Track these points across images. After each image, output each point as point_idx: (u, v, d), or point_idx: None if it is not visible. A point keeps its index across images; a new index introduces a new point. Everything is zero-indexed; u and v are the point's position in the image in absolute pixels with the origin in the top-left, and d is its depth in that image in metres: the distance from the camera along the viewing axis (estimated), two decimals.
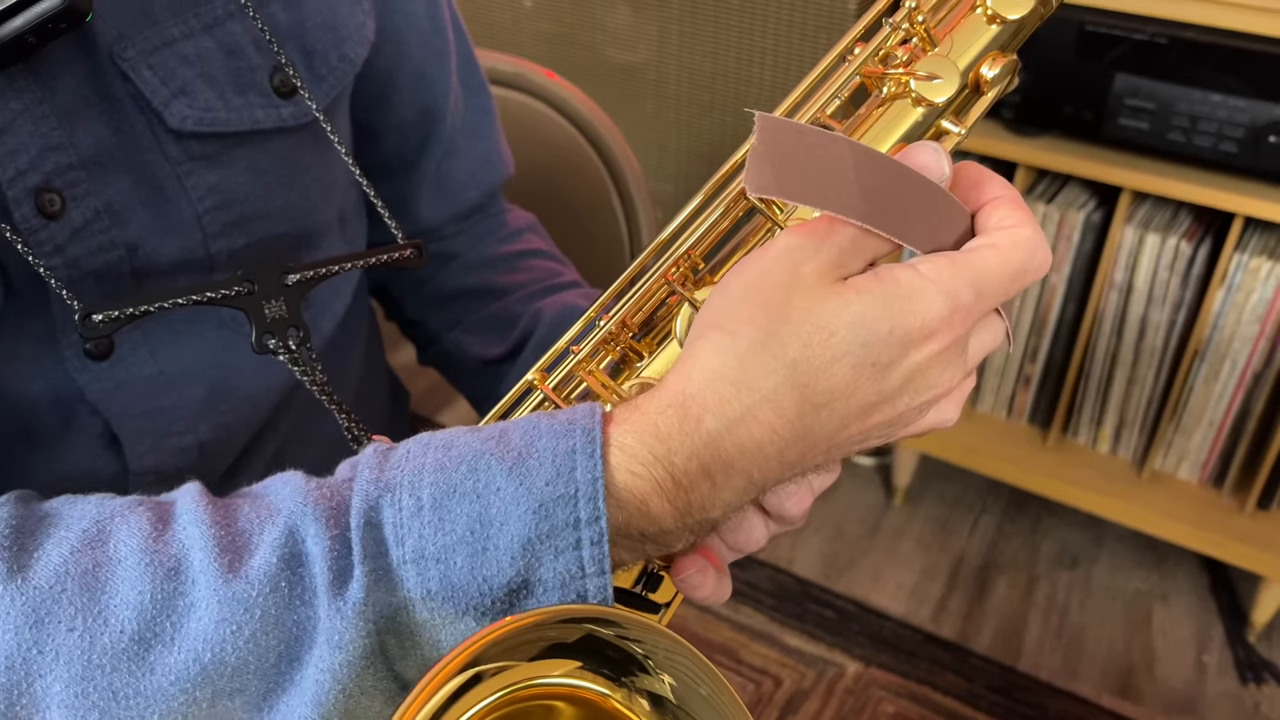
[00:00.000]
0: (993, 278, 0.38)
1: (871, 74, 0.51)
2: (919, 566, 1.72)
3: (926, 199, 0.40)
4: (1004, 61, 0.49)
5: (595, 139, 0.88)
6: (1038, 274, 0.39)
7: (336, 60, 0.54)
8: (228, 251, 0.52)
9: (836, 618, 1.61)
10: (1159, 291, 1.50)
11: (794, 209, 0.49)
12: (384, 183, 0.67)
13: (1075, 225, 1.52)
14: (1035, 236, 0.38)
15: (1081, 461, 1.65)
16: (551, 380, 0.50)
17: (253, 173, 0.52)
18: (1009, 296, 0.39)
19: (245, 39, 0.50)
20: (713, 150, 1.61)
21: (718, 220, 0.50)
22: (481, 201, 0.71)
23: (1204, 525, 1.55)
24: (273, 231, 0.54)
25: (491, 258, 0.70)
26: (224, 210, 0.51)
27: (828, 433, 0.37)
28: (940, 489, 1.85)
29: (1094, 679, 1.54)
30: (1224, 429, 1.55)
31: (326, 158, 0.55)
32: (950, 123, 0.50)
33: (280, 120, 0.52)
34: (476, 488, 0.36)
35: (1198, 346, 1.49)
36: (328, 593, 0.35)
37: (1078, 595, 1.68)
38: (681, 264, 0.50)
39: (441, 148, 0.67)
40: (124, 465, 0.52)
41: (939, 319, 0.37)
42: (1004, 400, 1.70)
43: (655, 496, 0.37)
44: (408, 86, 0.63)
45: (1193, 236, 1.46)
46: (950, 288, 0.37)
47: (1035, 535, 1.78)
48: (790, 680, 1.52)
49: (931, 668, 1.54)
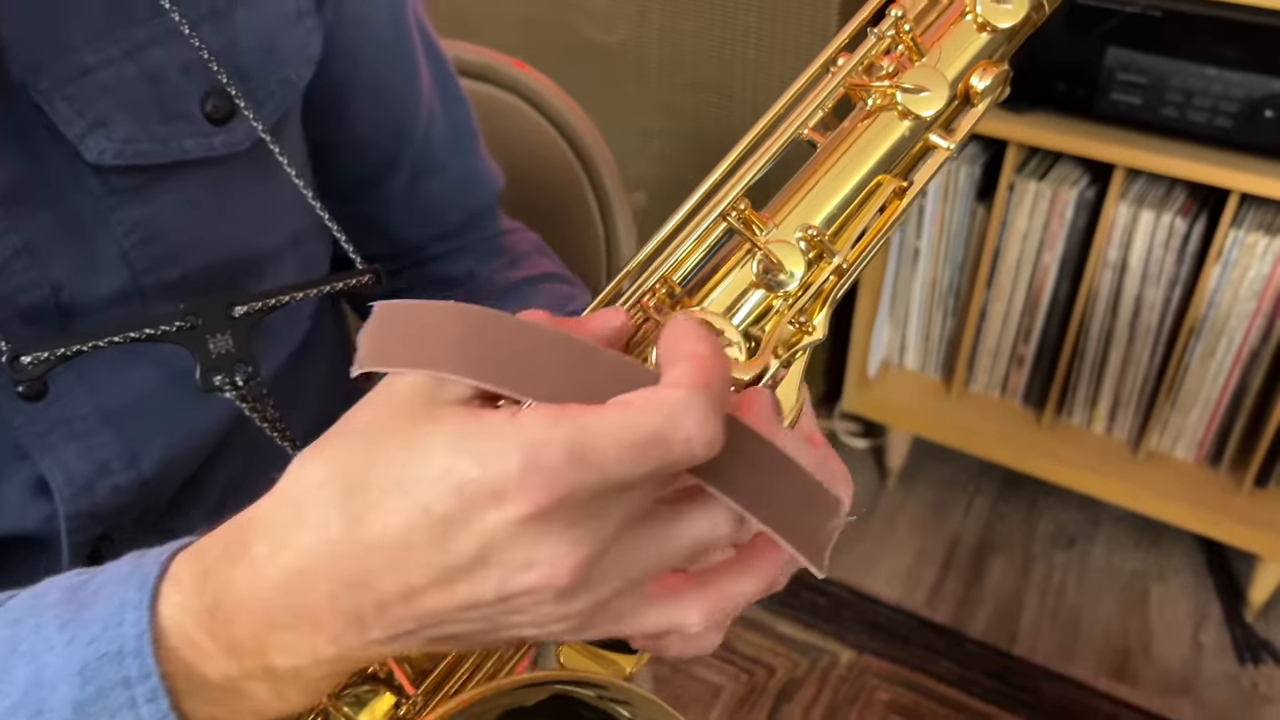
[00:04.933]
0: (606, 443, 0.29)
1: (857, 86, 0.48)
2: (913, 549, 1.70)
3: (556, 354, 0.33)
4: (995, 72, 0.46)
5: (568, 132, 0.84)
6: (684, 447, 0.29)
7: (276, 84, 0.51)
8: (160, 287, 0.49)
9: (830, 604, 1.60)
10: (1154, 269, 1.48)
11: (773, 228, 0.46)
12: (347, 201, 0.63)
13: (1068, 202, 1.49)
14: (688, 400, 0.29)
15: (1076, 442, 1.63)
16: None
17: (183, 204, 0.49)
18: (641, 471, 0.29)
19: (170, 64, 0.47)
20: (697, 131, 1.57)
21: (695, 243, 0.47)
22: (468, 221, 0.67)
23: (1201, 504, 1.53)
24: (209, 262, 0.51)
25: (502, 287, 0.67)
26: (152, 244, 0.48)
27: (395, 590, 0.31)
28: (934, 470, 1.83)
29: (1090, 661, 1.53)
30: (1220, 407, 1.53)
31: (271, 182, 0.51)
32: (939, 137, 0.47)
33: (211, 149, 0.48)
34: (34, 646, 0.35)
35: (1193, 324, 1.47)
36: None
37: (1074, 576, 1.66)
38: (658, 290, 0.47)
39: (413, 166, 0.63)
40: (53, 511, 0.49)
41: (507, 476, 0.28)
42: (997, 380, 1.68)
43: (205, 639, 0.34)
44: (365, 102, 0.60)
45: (1188, 213, 1.43)
46: (535, 442, 0.28)
47: (1031, 515, 1.76)
48: (784, 669, 1.50)
49: (926, 654, 1.53)
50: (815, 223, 0.46)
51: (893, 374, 1.75)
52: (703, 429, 0.29)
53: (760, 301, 0.46)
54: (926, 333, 1.71)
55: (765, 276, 0.46)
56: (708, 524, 0.33)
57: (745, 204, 0.47)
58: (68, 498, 0.48)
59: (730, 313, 0.46)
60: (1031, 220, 1.52)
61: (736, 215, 0.47)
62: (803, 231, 0.46)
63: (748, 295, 0.46)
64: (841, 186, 0.47)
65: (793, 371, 0.47)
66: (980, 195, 1.57)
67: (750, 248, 0.46)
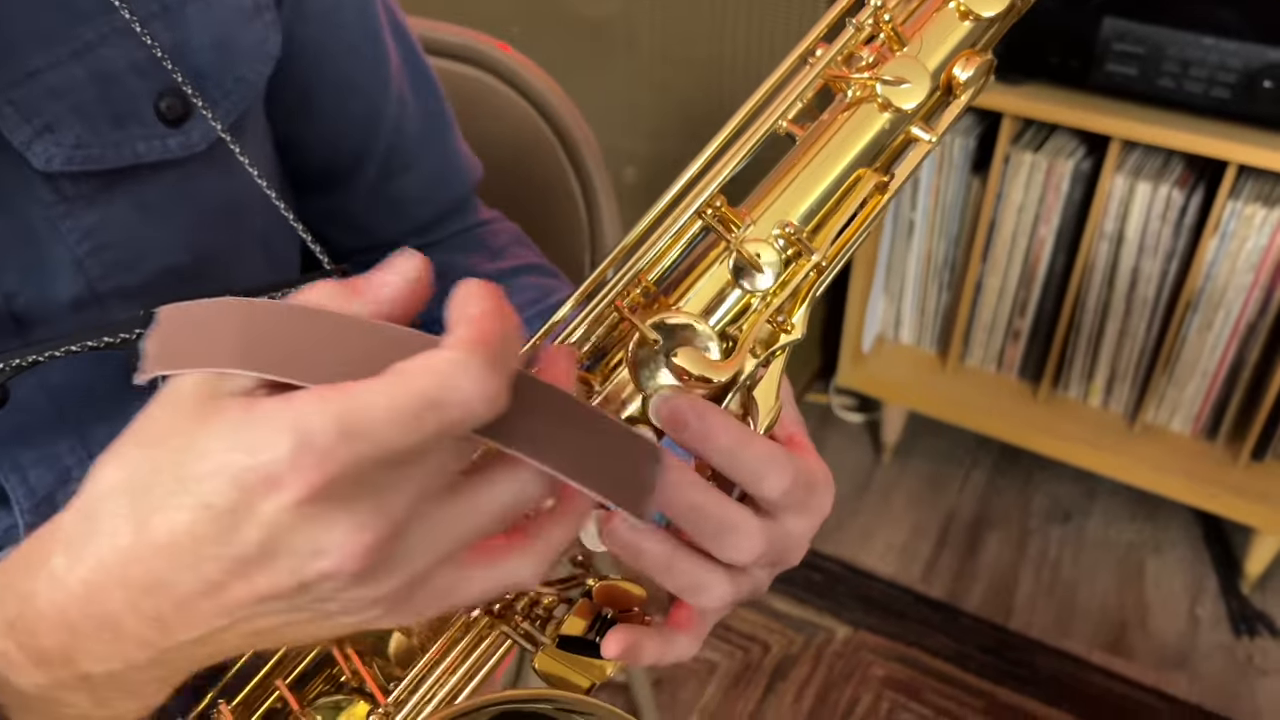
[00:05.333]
0: (376, 413, 0.28)
1: (836, 77, 0.46)
2: (909, 524, 1.70)
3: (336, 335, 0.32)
4: (979, 62, 0.45)
5: (549, 113, 0.82)
6: (461, 409, 0.28)
7: (232, 83, 0.49)
8: (119, 293, 0.48)
9: (825, 580, 1.60)
10: (1150, 241, 1.46)
11: (750, 225, 0.45)
12: (319, 197, 0.62)
13: (1064, 174, 1.47)
14: (461, 360, 0.28)
15: (1072, 415, 1.62)
16: None
17: (140, 209, 0.47)
18: (418, 437, 0.28)
19: (122, 64, 0.45)
20: (687, 106, 1.55)
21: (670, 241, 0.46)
22: (443, 214, 0.66)
23: (1197, 478, 1.52)
24: (172, 265, 0.49)
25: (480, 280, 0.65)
26: (107, 251, 0.47)
27: (192, 589, 0.30)
28: (930, 445, 1.82)
29: (1086, 635, 1.53)
30: (1217, 380, 1.52)
31: (234, 182, 0.50)
32: (920, 129, 0.45)
33: (166, 152, 0.47)
34: None
35: (1190, 297, 1.46)
36: None
37: (1070, 550, 1.66)
38: (632, 289, 0.46)
39: (384, 160, 0.62)
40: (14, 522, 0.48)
41: (278, 460, 0.28)
42: (993, 354, 1.67)
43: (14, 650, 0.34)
44: (332, 96, 0.58)
45: (1185, 184, 1.42)
46: (303, 422, 0.28)
47: (1027, 489, 1.76)
48: (779, 646, 1.50)
49: (921, 629, 1.53)
50: (793, 219, 0.45)
51: (888, 348, 1.74)
52: (478, 387, 0.28)
53: (738, 300, 0.45)
54: (921, 307, 1.69)
55: (741, 276, 0.45)
56: (515, 486, 0.32)
57: (721, 200, 0.46)
58: (27, 509, 0.48)
59: (707, 312, 0.45)
60: (1027, 193, 1.50)
61: (712, 212, 0.46)
62: (780, 229, 0.45)
63: (725, 294, 0.45)
64: (820, 181, 0.45)
65: (771, 371, 0.46)
66: (975, 167, 1.55)
67: (726, 246, 0.45)
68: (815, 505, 0.46)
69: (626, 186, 1.68)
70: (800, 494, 0.43)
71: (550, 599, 0.45)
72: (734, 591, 0.44)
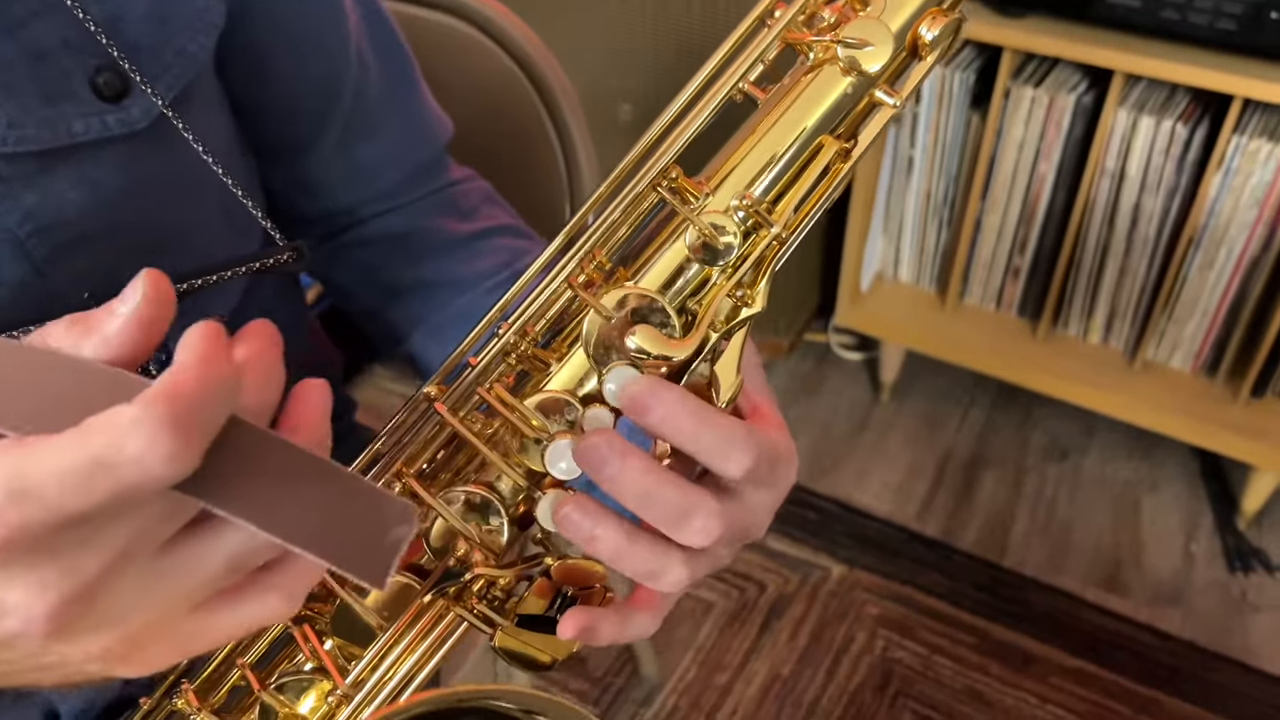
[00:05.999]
0: (45, 474, 0.26)
1: (796, 40, 0.44)
2: (905, 463, 1.70)
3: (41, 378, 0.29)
4: (945, 21, 0.43)
5: (526, 63, 0.80)
6: (135, 469, 0.26)
7: (172, 56, 0.47)
8: (69, 273, 0.46)
9: (820, 519, 1.60)
10: (1153, 177, 1.43)
11: (705, 202, 0.44)
12: (281, 163, 0.60)
13: (1065, 109, 1.43)
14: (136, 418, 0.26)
15: (1072, 353, 1.61)
16: (449, 397, 0.45)
17: (85, 187, 0.46)
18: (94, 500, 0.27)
19: (54, 40, 0.43)
20: (680, 46, 1.51)
21: (620, 216, 0.44)
22: (411, 177, 0.64)
23: (1196, 415, 1.51)
24: (124, 244, 0.48)
25: (447, 242, 0.64)
26: (51, 233, 0.45)
27: None
28: (929, 383, 1.81)
29: (1080, 572, 1.54)
30: (1218, 317, 1.50)
31: (184, 157, 0.48)
32: (884, 93, 0.44)
33: (106, 130, 0.45)
34: None
35: (1192, 233, 1.43)
36: None
37: (1066, 487, 1.66)
38: (586, 265, 0.45)
39: (345, 124, 0.60)
40: None
41: None
42: (992, 293, 1.65)
43: None
44: (287, 59, 0.56)
45: (1189, 119, 1.38)
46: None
47: (1025, 427, 1.75)
48: (774, 585, 1.51)
49: (915, 567, 1.54)
50: (752, 190, 0.44)
51: (886, 287, 1.73)
52: (154, 448, 0.26)
53: (696, 275, 0.44)
54: (921, 245, 1.67)
55: (699, 250, 0.43)
56: (229, 545, 0.30)
57: (677, 172, 0.44)
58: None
59: (665, 287, 0.44)
60: (1027, 128, 1.47)
61: (668, 185, 0.44)
62: (739, 200, 0.43)
63: (683, 269, 0.44)
64: (780, 150, 0.44)
65: (733, 344, 0.45)
66: (975, 103, 1.51)
67: (683, 219, 0.44)
68: (778, 479, 0.45)
69: (622, 124, 1.65)
70: (763, 471, 0.42)
71: (507, 580, 0.45)
72: (692, 573, 0.44)
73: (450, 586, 0.44)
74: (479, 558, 0.45)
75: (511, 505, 0.45)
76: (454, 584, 0.44)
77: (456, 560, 0.45)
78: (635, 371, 0.43)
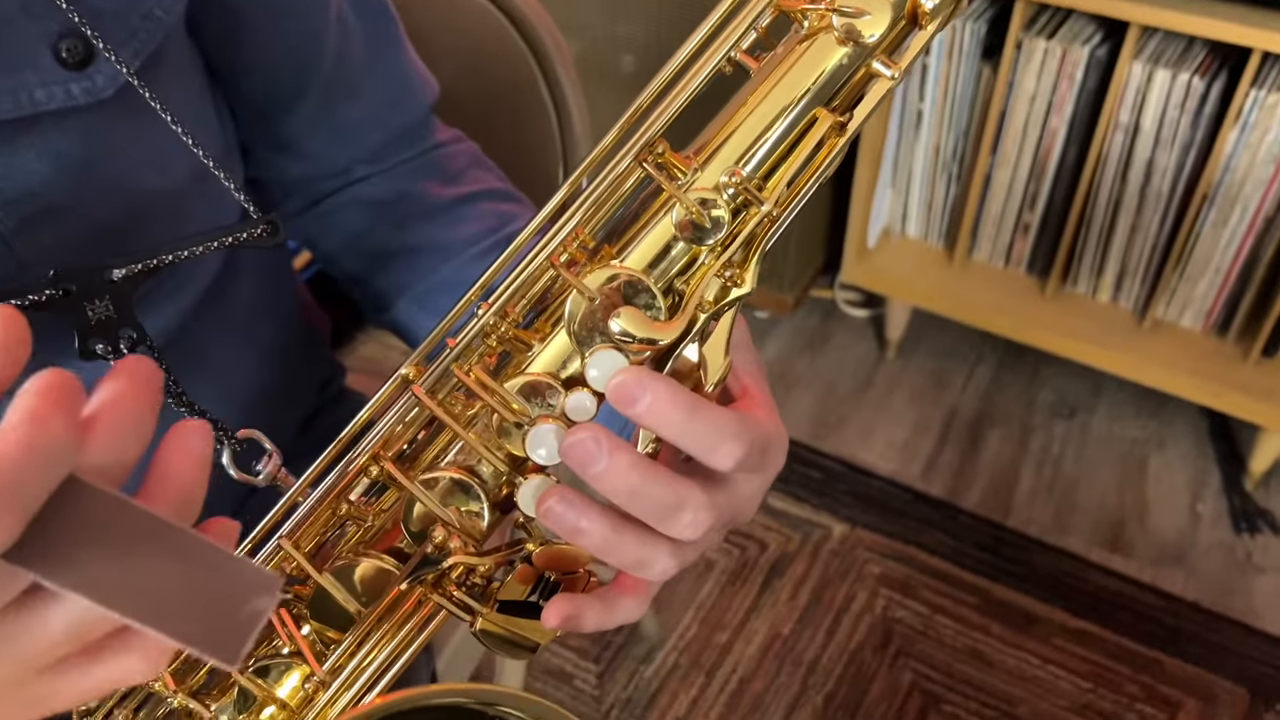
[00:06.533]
0: None
1: (791, 6, 0.42)
2: (910, 421, 1.68)
3: None
4: None
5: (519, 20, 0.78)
6: None
7: (138, 20, 0.45)
8: (37, 249, 0.45)
9: (823, 478, 1.59)
10: (1167, 132, 1.40)
11: (693, 178, 0.42)
12: (262, 127, 0.58)
13: (1078, 62, 1.40)
14: None
15: (1081, 311, 1.58)
16: (427, 379, 0.44)
17: (49, 158, 0.44)
18: None
19: (12, 6, 0.41)
20: None
21: (605, 193, 0.42)
22: (395, 139, 0.62)
23: (1205, 375, 1.49)
24: (94, 218, 0.46)
25: (431, 207, 0.62)
26: (17, 205, 0.44)
27: None
28: (935, 341, 1.79)
29: (1084, 532, 1.53)
30: (1231, 276, 1.48)
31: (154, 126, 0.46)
32: (882, 64, 0.42)
33: (70, 98, 0.43)
34: None
35: (1207, 190, 1.40)
36: None
37: (1073, 446, 1.64)
38: (569, 244, 0.43)
39: (326, 86, 0.58)
40: None
41: None
42: (1001, 249, 1.62)
43: None
44: (264, 20, 0.54)
45: (1206, 72, 1.34)
46: None
47: (1033, 385, 1.73)
48: (775, 544, 1.51)
49: (919, 527, 1.53)
50: (742, 166, 0.42)
51: (894, 243, 1.70)
52: None
53: (683, 254, 0.42)
54: (929, 200, 1.64)
55: (687, 229, 0.42)
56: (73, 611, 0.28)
57: (664, 146, 0.42)
58: None
59: (651, 267, 0.42)
60: (1040, 81, 1.44)
61: (653, 160, 0.42)
62: (728, 176, 0.41)
63: (670, 248, 0.42)
64: (772, 123, 0.42)
65: (721, 326, 0.43)
66: (986, 54, 1.47)
67: (669, 196, 0.42)
68: (767, 465, 0.44)
69: (624, 75, 1.61)
70: (754, 459, 0.41)
71: (487, 567, 0.44)
72: (679, 563, 0.43)
73: (428, 573, 0.43)
74: (457, 544, 0.43)
75: (492, 490, 0.44)
76: (432, 570, 0.43)
77: (435, 547, 0.43)
78: (620, 357, 0.41)
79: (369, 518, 0.46)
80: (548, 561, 0.45)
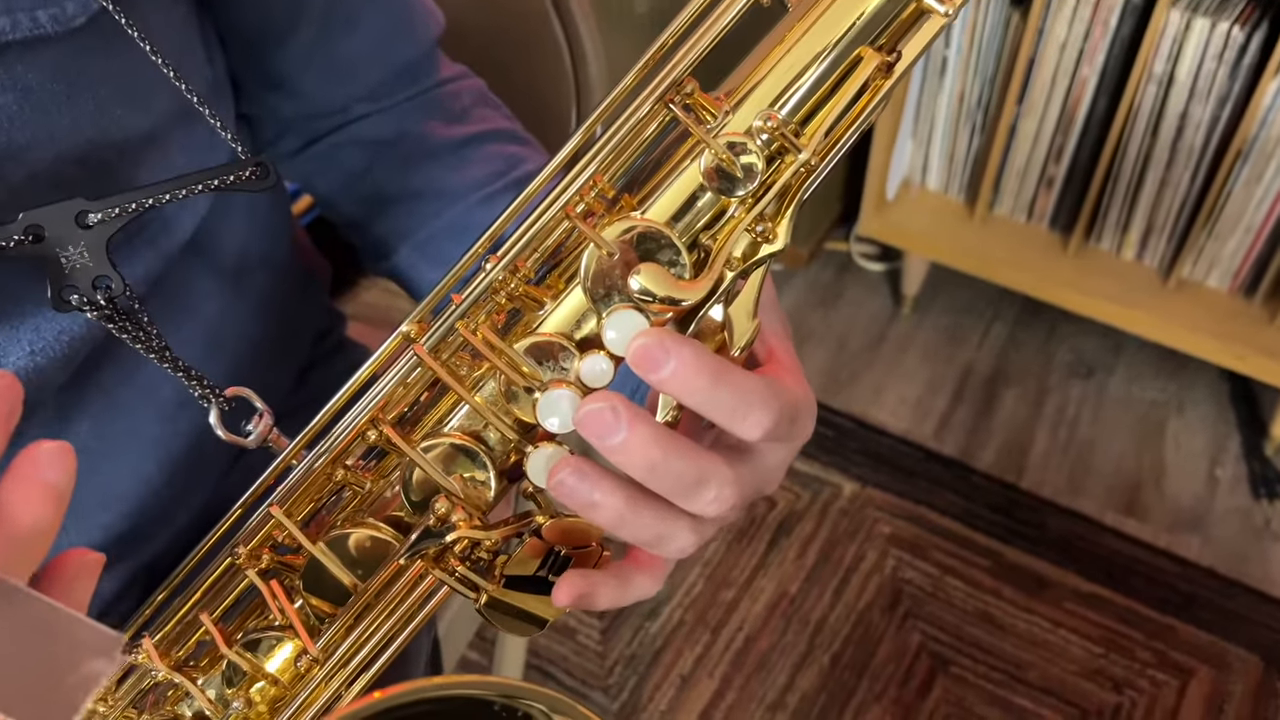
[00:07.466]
0: None
1: None
2: (923, 379, 1.65)
3: None
4: None
5: None
6: None
7: None
8: (5, 192, 0.41)
9: (834, 436, 1.56)
10: (1203, 84, 1.35)
11: (724, 121, 0.38)
12: (251, 60, 0.54)
13: (1113, 8, 1.34)
14: None
15: (1103, 269, 1.54)
16: (429, 337, 0.40)
17: (16, 93, 0.40)
18: None
19: None
20: None
21: (626, 137, 0.39)
22: (396, 76, 0.58)
23: (1230, 337, 1.46)
24: (65, 156, 0.42)
25: (434, 148, 0.58)
26: None
27: None
28: (951, 296, 1.75)
29: (1099, 495, 1.50)
30: (1262, 235, 1.43)
31: (130, 57, 0.42)
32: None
33: (37, 27, 0.39)
34: None
35: (1241, 145, 1.35)
36: None
37: (1090, 407, 1.61)
38: (586, 193, 0.40)
39: (324, 18, 0.53)
40: None
41: None
42: (1024, 203, 1.58)
43: None
44: None
45: (1246, 21, 1.29)
46: None
47: (1050, 343, 1.70)
48: (784, 502, 1.48)
49: (930, 487, 1.50)
50: (778, 109, 0.38)
51: (913, 195, 1.65)
52: None
53: (711, 205, 0.39)
54: (951, 151, 1.59)
55: (715, 177, 0.38)
56: None
57: (693, 85, 0.39)
58: None
59: (675, 219, 0.39)
60: (1071, 28, 1.38)
61: (681, 101, 0.38)
62: (763, 120, 0.38)
63: (696, 198, 0.39)
64: (811, 63, 0.38)
65: (749, 285, 0.40)
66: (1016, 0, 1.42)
67: (697, 141, 0.38)
68: (796, 434, 0.40)
69: (637, 16, 1.56)
70: (783, 428, 0.38)
71: (493, 541, 0.41)
72: (699, 539, 0.40)
73: (430, 547, 0.40)
74: (462, 515, 0.40)
75: (499, 458, 0.41)
76: (434, 544, 0.40)
77: (437, 519, 0.40)
78: (640, 318, 0.38)
79: (367, 484, 0.43)
80: (558, 535, 0.42)
